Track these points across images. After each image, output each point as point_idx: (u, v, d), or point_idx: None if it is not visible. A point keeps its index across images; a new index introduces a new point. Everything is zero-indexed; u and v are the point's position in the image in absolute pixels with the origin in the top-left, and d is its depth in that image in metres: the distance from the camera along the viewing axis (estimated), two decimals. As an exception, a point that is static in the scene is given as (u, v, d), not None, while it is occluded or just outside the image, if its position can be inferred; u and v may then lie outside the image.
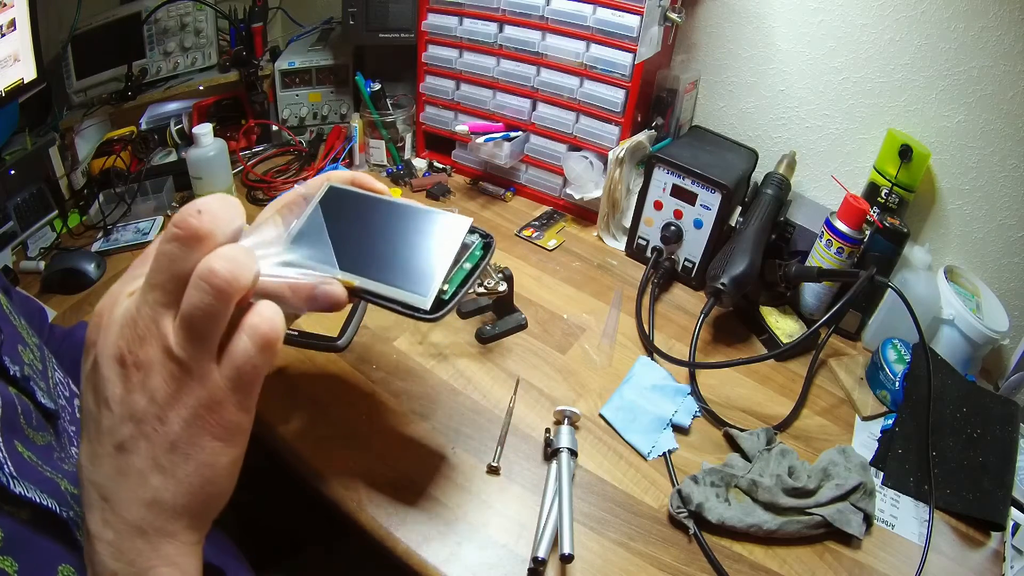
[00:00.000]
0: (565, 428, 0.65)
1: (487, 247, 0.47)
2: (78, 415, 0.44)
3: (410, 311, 0.40)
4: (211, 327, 0.27)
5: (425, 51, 1.06)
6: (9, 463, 0.32)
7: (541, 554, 0.54)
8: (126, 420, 0.27)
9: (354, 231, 0.43)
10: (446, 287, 0.42)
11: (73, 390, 0.45)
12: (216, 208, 0.28)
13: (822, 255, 0.82)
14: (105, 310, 0.28)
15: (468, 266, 0.45)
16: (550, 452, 0.64)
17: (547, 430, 0.67)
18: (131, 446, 0.27)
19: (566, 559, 0.53)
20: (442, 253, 0.42)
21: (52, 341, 0.48)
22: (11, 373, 0.37)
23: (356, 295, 0.39)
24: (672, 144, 0.96)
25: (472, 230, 0.45)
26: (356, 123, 1.09)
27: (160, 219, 0.96)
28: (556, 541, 0.55)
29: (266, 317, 0.28)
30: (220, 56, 1.22)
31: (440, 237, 0.43)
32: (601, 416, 0.70)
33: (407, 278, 0.40)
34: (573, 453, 0.63)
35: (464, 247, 0.44)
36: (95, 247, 0.91)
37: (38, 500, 0.31)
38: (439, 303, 0.41)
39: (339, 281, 0.38)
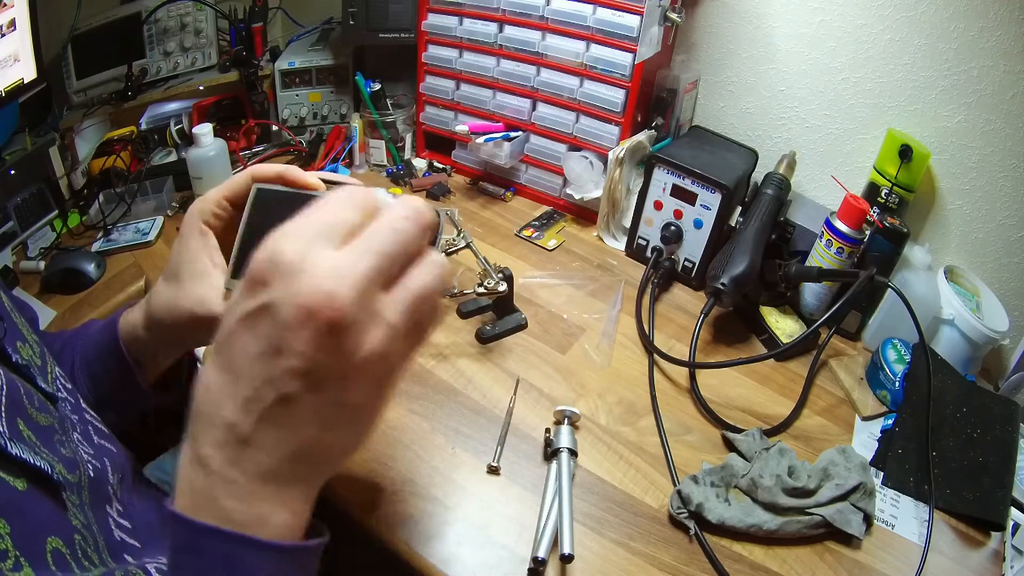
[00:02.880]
0: (565, 428, 0.65)
1: None
2: (82, 404, 0.45)
3: None
4: (429, 305, 0.29)
5: (425, 51, 1.06)
6: (7, 434, 0.32)
7: (541, 554, 0.54)
8: (304, 375, 0.27)
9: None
10: None
11: (69, 387, 0.46)
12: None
13: (822, 255, 0.82)
14: (282, 253, 0.27)
15: None
16: (550, 452, 0.64)
17: (547, 430, 0.67)
18: (299, 399, 0.27)
19: (566, 559, 0.53)
20: None
21: (49, 345, 0.49)
22: (13, 360, 0.38)
23: None
24: (672, 144, 0.96)
25: None
26: (356, 123, 1.09)
27: (160, 219, 0.96)
28: (556, 541, 0.55)
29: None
30: (220, 56, 1.22)
31: None
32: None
33: None
34: (573, 453, 0.63)
35: None
36: (95, 247, 0.91)
37: (32, 461, 0.32)
38: None
39: None
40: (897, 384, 0.75)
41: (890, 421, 0.74)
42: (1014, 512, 0.64)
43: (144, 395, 0.51)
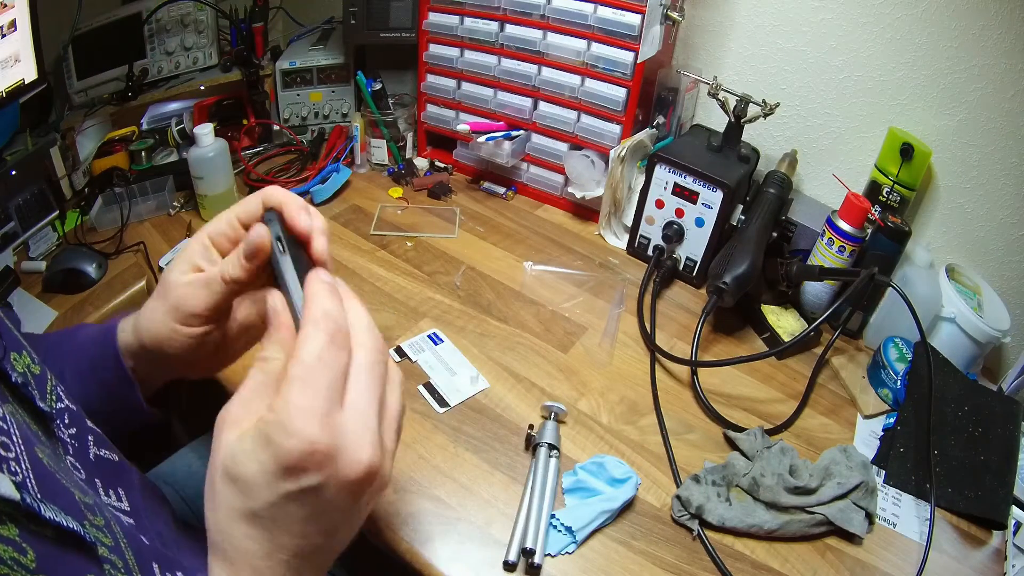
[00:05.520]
0: (550, 424, 0.66)
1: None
2: (81, 413, 0.43)
3: None
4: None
5: (426, 50, 1.06)
6: (33, 481, 0.31)
7: (511, 556, 0.55)
8: (340, 518, 0.34)
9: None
10: None
11: (66, 401, 0.43)
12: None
13: (824, 254, 0.82)
14: (313, 443, 0.31)
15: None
16: (532, 447, 0.65)
17: (530, 426, 0.67)
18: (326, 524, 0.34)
19: (527, 553, 0.55)
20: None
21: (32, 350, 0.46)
22: (12, 379, 0.36)
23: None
24: (674, 143, 0.96)
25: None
26: (357, 122, 1.09)
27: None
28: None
29: None
30: (221, 56, 1.22)
31: None
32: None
33: None
34: (554, 448, 0.64)
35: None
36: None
37: (66, 524, 0.31)
38: None
39: None
40: (899, 383, 0.75)
41: (892, 420, 0.74)
42: (1015, 510, 0.64)
43: (142, 412, 0.48)
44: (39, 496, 0.30)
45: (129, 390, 0.46)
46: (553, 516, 0.58)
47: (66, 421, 0.41)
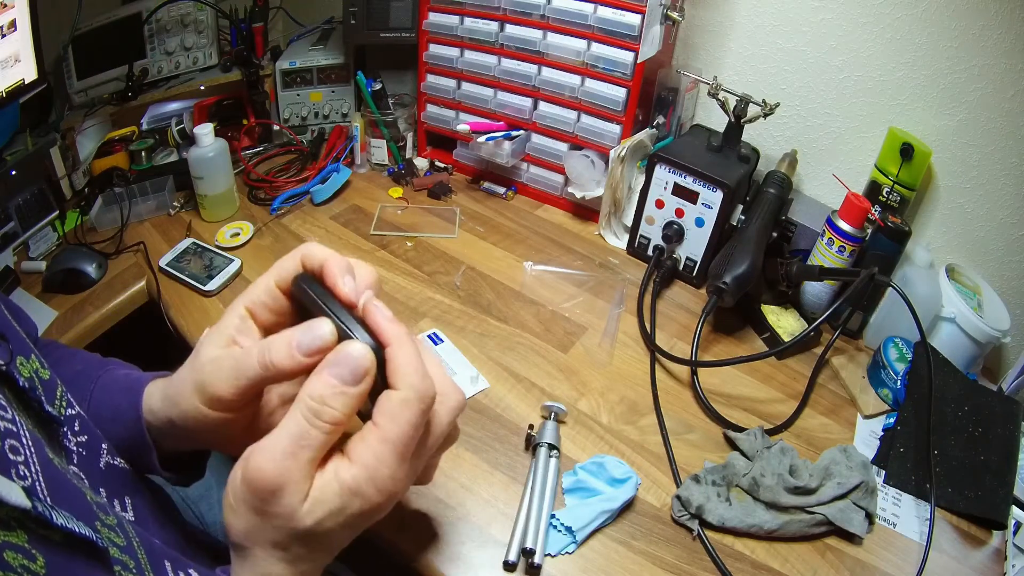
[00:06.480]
0: (550, 424, 0.66)
1: None
2: (90, 421, 0.42)
3: None
4: None
5: (426, 50, 1.06)
6: (43, 484, 0.31)
7: (511, 556, 0.55)
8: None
9: None
10: None
11: (77, 409, 0.42)
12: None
13: (824, 254, 0.82)
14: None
15: None
16: (532, 447, 0.65)
17: (530, 426, 0.67)
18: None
19: (527, 553, 0.55)
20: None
21: (56, 365, 0.44)
22: (20, 384, 0.36)
23: None
24: (674, 143, 0.96)
25: None
26: (357, 122, 1.09)
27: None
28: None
29: None
30: (221, 56, 1.22)
31: None
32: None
33: None
34: (554, 448, 0.64)
35: None
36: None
37: (78, 531, 0.30)
38: None
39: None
40: (899, 383, 0.75)
41: (892, 420, 0.74)
42: (1015, 510, 0.64)
43: (157, 472, 0.45)
44: (49, 501, 0.30)
45: (147, 455, 0.44)
46: (553, 516, 0.58)
47: (76, 428, 0.40)
